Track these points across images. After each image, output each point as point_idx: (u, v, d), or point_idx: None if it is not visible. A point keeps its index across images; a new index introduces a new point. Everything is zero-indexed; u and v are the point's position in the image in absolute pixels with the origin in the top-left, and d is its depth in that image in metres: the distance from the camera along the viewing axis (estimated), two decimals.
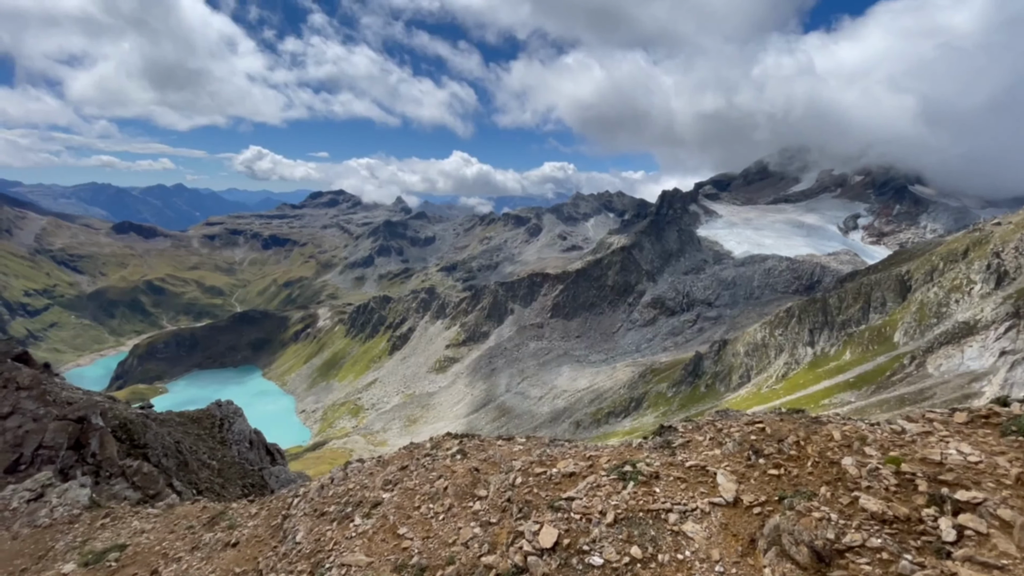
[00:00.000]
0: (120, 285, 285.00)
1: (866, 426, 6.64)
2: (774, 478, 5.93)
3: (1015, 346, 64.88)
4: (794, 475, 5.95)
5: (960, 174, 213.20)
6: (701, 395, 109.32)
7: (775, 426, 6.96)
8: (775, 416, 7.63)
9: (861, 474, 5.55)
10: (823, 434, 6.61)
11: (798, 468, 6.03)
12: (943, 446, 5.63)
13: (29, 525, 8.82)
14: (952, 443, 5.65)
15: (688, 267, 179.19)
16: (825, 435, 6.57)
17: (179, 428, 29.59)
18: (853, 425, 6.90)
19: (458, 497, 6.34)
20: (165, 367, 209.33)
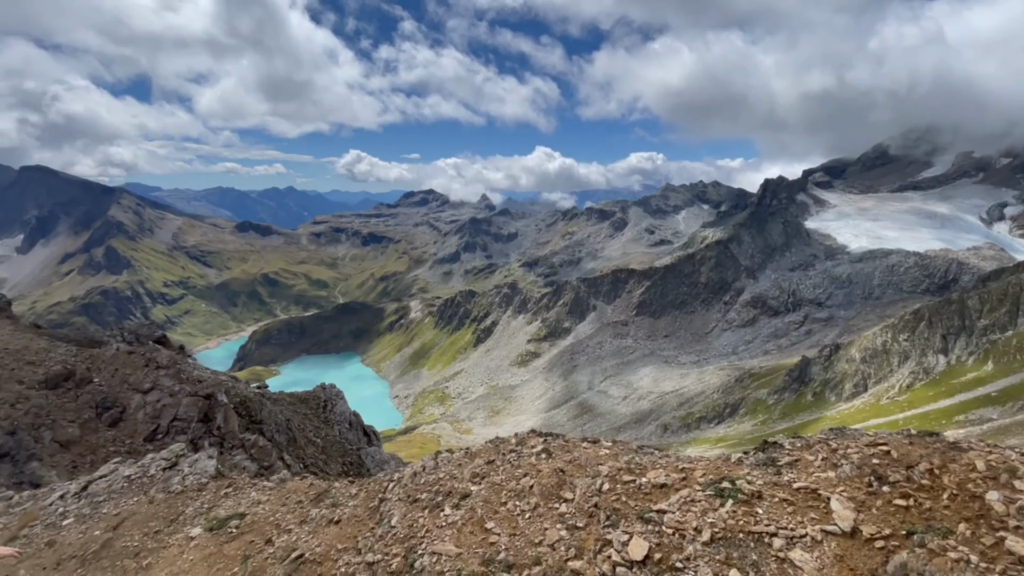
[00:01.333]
0: (241, 278, 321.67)
1: (1017, 456, 5.62)
2: (901, 509, 5.21)
3: None
4: (926, 508, 5.19)
5: None
6: (807, 404, 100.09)
7: (903, 450, 6.11)
8: (903, 438, 6.71)
9: (1009, 512, 4.71)
10: (963, 463, 5.70)
11: (931, 500, 5.25)
12: None
13: (164, 491, 9.99)
14: None
15: (795, 263, 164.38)
16: (966, 464, 5.66)
17: (289, 407, 32.68)
18: (1001, 454, 5.88)
19: (544, 497, 6.31)
20: (278, 351, 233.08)
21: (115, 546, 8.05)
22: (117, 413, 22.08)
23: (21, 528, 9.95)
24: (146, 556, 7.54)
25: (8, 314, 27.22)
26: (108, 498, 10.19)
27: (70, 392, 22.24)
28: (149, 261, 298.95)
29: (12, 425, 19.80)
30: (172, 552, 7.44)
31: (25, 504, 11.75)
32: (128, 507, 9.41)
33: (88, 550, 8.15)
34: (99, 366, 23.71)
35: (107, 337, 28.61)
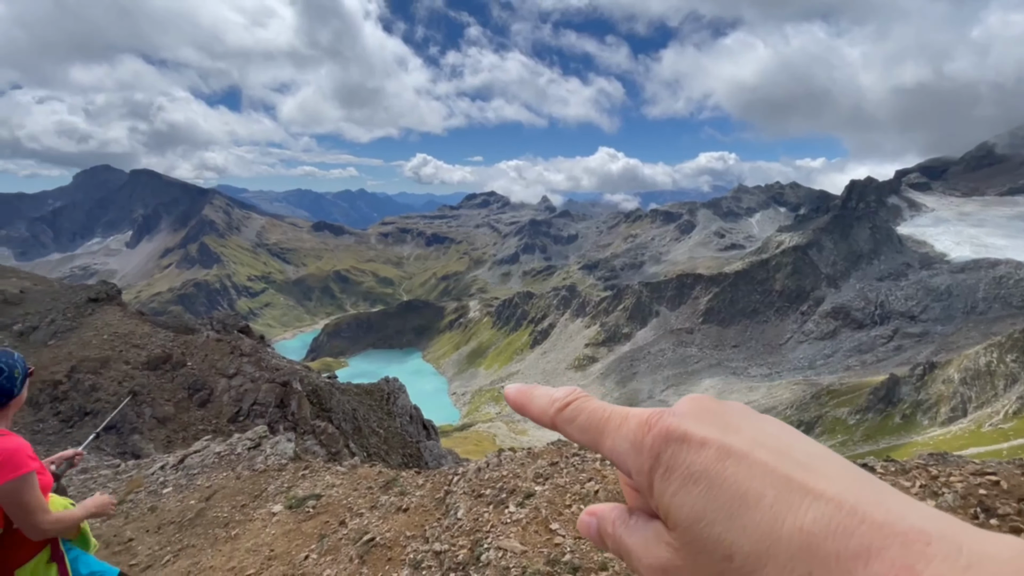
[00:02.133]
0: (316, 274, 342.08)
1: None
2: None
3: None
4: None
5: None
6: (895, 427, 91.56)
7: (1015, 481, 5.41)
8: (1015, 468, 5.94)
9: None
10: None
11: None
12: None
13: (249, 468, 10.71)
14: None
15: (884, 272, 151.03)
16: None
17: (355, 398, 34.24)
18: None
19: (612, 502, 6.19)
20: (346, 344, 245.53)
21: (207, 515, 8.80)
22: (206, 395, 24.19)
23: (128, 493, 11.10)
24: (234, 527, 8.18)
25: (119, 302, 30.57)
26: (201, 471, 11.15)
27: (167, 374, 24.60)
28: (236, 257, 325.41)
29: (119, 401, 22.21)
30: (256, 525, 8.02)
31: (131, 472, 13.11)
32: (218, 481, 10.25)
33: (185, 517, 8.96)
34: (192, 351, 26.03)
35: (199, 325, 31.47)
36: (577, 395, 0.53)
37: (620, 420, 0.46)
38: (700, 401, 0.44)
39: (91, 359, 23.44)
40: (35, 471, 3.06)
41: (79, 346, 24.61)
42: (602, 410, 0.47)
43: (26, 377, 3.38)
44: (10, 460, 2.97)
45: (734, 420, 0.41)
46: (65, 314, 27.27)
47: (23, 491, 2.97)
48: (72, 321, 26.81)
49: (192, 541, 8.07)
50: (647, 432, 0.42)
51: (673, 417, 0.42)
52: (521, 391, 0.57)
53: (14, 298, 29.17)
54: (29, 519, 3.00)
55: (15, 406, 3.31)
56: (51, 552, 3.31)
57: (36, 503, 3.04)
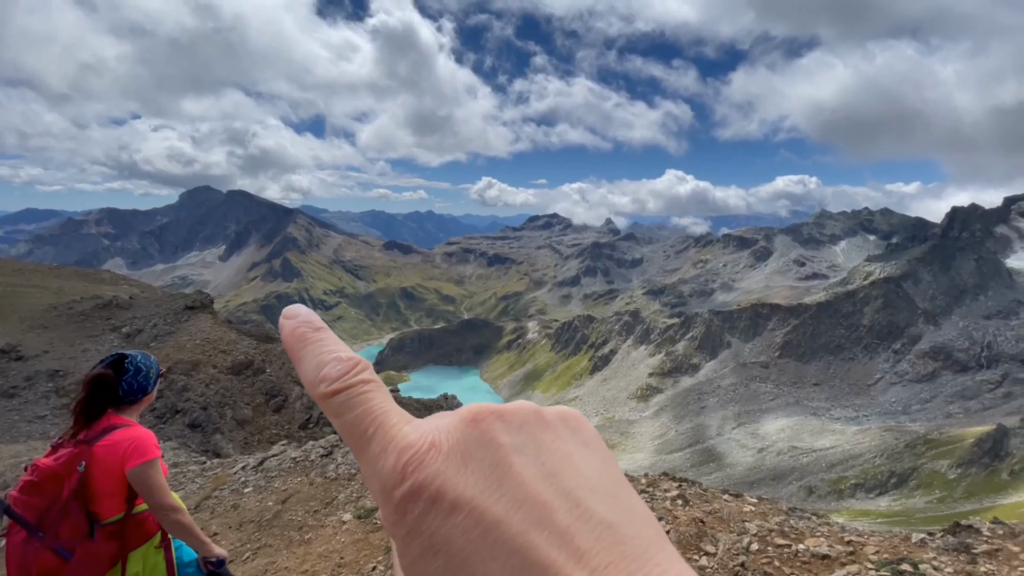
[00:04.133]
0: (384, 290, 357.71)
1: None
2: None
3: None
4: None
5: None
6: (1001, 484, 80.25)
7: None
8: None
9: None
10: None
11: None
12: None
13: (321, 475, 11.22)
14: None
15: (992, 309, 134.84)
16: None
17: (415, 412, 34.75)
18: None
19: (681, 545, 5.90)
20: (409, 359, 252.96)
21: (283, 517, 9.32)
22: (280, 401, 25.84)
23: (213, 490, 12.00)
24: (307, 531, 8.61)
25: (210, 310, 33.62)
26: (279, 474, 11.86)
27: (248, 379, 26.57)
28: (314, 272, 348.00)
29: (205, 402, 24.21)
30: (328, 532, 8.39)
31: (215, 470, 14.18)
32: (294, 485, 10.85)
33: (263, 517, 9.54)
34: (271, 359, 27.96)
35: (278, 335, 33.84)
36: (354, 380, 0.39)
37: (380, 449, 0.36)
38: (488, 425, 0.35)
39: (184, 361, 25.83)
40: (158, 457, 3.49)
41: (175, 349, 27.22)
42: (372, 420, 0.36)
43: (159, 377, 3.86)
44: (140, 446, 3.42)
45: (517, 461, 0.34)
46: (165, 319, 30.35)
47: (151, 475, 3.42)
48: (171, 326, 29.77)
49: (269, 541, 8.58)
50: (398, 483, 0.35)
51: (434, 465, 0.35)
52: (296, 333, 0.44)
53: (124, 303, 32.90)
54: (157, 499, 3.42)
55: (147, 402, 3.81)
56: (160, 539, 3.75)
57: (163, 486, 3.52)
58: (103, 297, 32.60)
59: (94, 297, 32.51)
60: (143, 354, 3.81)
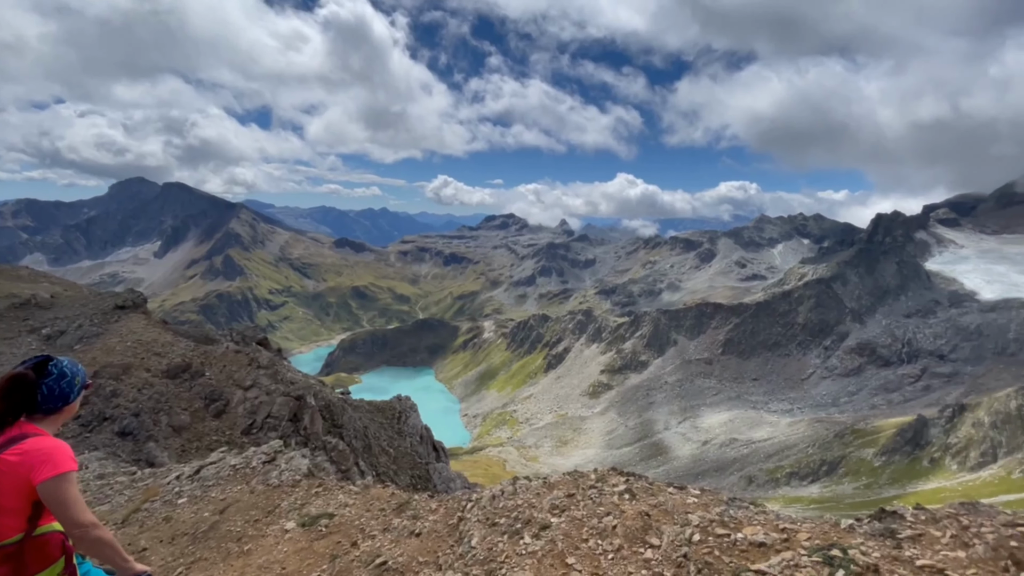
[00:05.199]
0: (335, 289, 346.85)
1: None
2: None
3: None
4: None
5: None
6: (922, 471, 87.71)
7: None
8: None
9: None
10: None
11: None
12: None
13: (263, 483, 10.74)
14: None
15: (911, 308, 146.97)
16: None
17: (367, 415, 34.16)
18: None
19: (627, 539, 6.03)
20: (361, 360, 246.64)
21: (221, 529, 8.81)
22: (221, 405, 24.45)
23: (143, 502, 11.20)
24: (247, 542, 8.17)
25: (143, 310, 31.42)
26: (216, 483, 11.22)
27: (185, 383, 24.99)
28: (259, 270, 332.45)
29: (137, 408, 22.58)
30: (269, 541, 8.00)
31: (147, 480, 13.24)
32: (233, 494, 10.29)
33: (198, 529, 8.99)
34: (211, 361, 26.43)
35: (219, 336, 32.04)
36: None
37: None
38: None
39: (114, 365, 23.96)
40: (75, 471, 3.14)
41: (103, 352, 25.21)
42: None
43: (83, 389, 3.50)
44: (53, 458, 3.06)
45: None
46: (92, 320, 28.06)
47: (65, 488, 3.03)
48: (98, 327, 27.55)
49: (205, 554, 8.08)
50: None
51: None
52: None
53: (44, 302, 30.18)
54: (72, 515, 3.04)
55: (67, 414, 3.42)
56: (65, 564, 3.33)
57: (78, 500, 3.09)
58: (19, 296, 29.82)
59: (9, 296, 29.67)
60: (71, 360, 3.44)
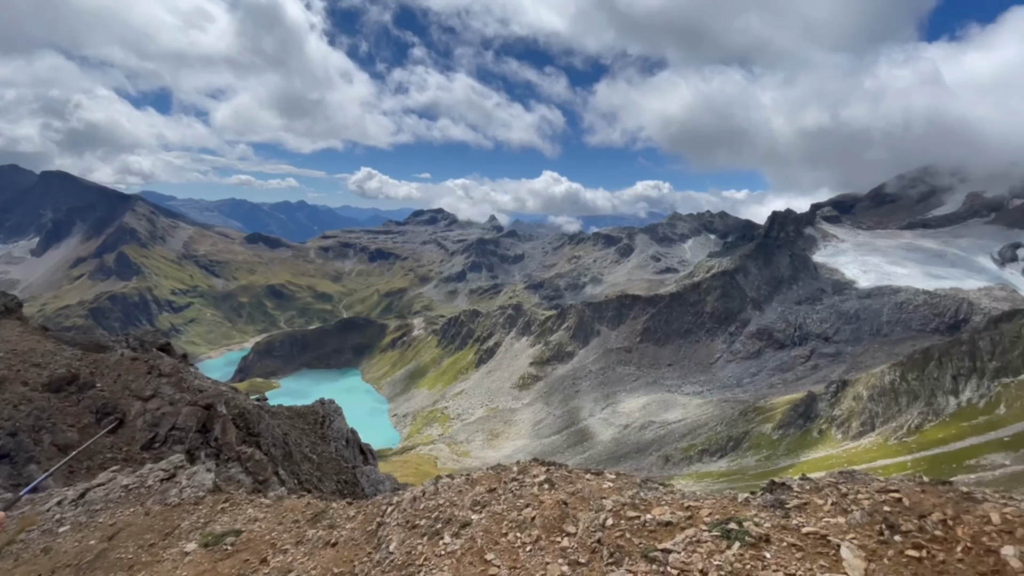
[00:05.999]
0: (248, 288, 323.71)
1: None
2: (913, 560, 5.07)
3: None
4: (939, 560, 5.05)
5: None
6: (813, 441, 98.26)
7: (915, 498, 5.99)
8: (915, 485, 6.57)
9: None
10: (977, 515, 5.56)
11: (944, 552, 5.11)
12: None
13: (160, 503, 9.87)
14: None
15: (802, 296, 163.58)
16: (980, 516, 5.52)
17: (287, 421, 32.42)
18: (1017, 507, 5.74)
19: (545, 530, 6.20)
20: (279, 364, 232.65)
21: (109, 557, 7.95)
22: (117, 419, 22.01)
23: (19, 532, 9.86)
24: (140, 569, 7.43)
25: (18, 315, 27.51)
26: (105, 507, 10.10)
27: (72, 396, 22.24)
28: (159, 268, 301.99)
29: (14, 426, 19.79)
30: (166, 567, 7.33)
31: (23, 508, 11.65)
32: (124, 517, 9.32)
33: (83, 559, 8.05)
34: (103, 371, 23.76)
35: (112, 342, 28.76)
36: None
37: None
38: None
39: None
40: None
41: None
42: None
43: None
44: None
45: None
46: None
47: None
48: None
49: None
50: None
51: None
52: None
53: None
54: None
55: None
56: None
57: None
58: None
59: None
60: None
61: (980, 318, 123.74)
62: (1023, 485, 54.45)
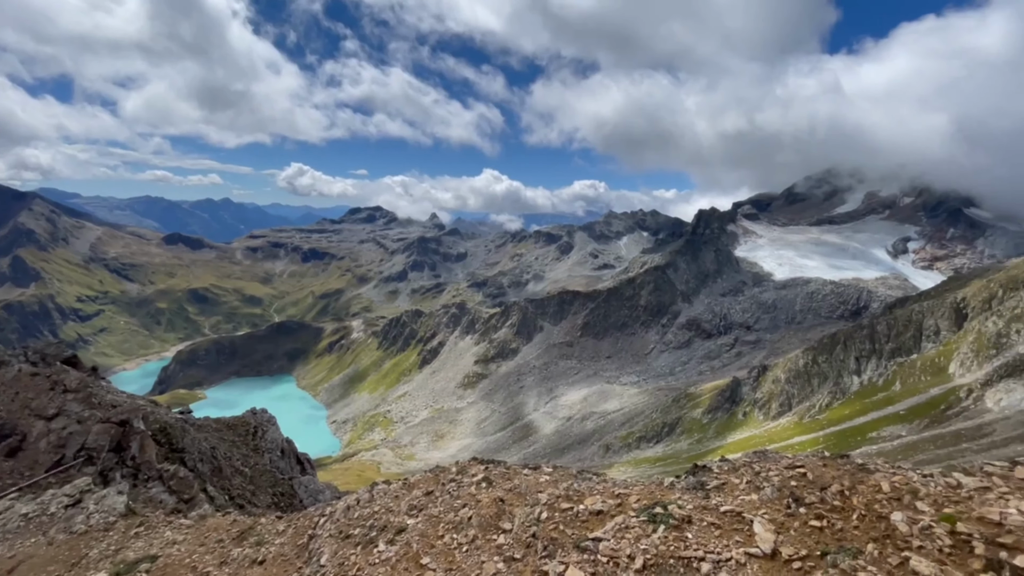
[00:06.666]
0: (167, 293, 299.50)
1: (918, 477, 6.19)
2: (816, 530, 5.58)
3: None
4: (838, 528, 5.58)
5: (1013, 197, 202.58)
6: (739, 423, 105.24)
7: (817, 472, 6.58)
8: (818, 460, 7.22)
9: (912, 532, 5.15)
10: (870, 484, 6.20)
11: (842, 521, 5.66)
12: (1002, 504, 5.18)
13: (65, 531, 9.09)
14: (1012, 501, 5.19)
15: (726, 288, 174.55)
16: (873, 485, 6.16)
17: (215, 434, 30.43)
18: (904, 475, 6.45)
19: (482, 529, 6.23)
20: (205, 374, 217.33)
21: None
22: (16, 442, 19.71)
23: None
24: None
25: None
26: (2, 539, 9.07)
27: None
28: (62, 273, 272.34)
29: None
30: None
31: None
32: (24, 549, 8.39)
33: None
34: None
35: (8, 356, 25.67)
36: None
37: None
38: None
39: None
40: None
41: None
42: None
43: None
44: None
45: None
46: None
47: None
48: None
49: None
50: None
51: None
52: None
53: None
54: None
55: None
56: None
57: None
58: None
59: None
60: None
61: (877, 305, 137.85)
62: (917, 453, 61.32)
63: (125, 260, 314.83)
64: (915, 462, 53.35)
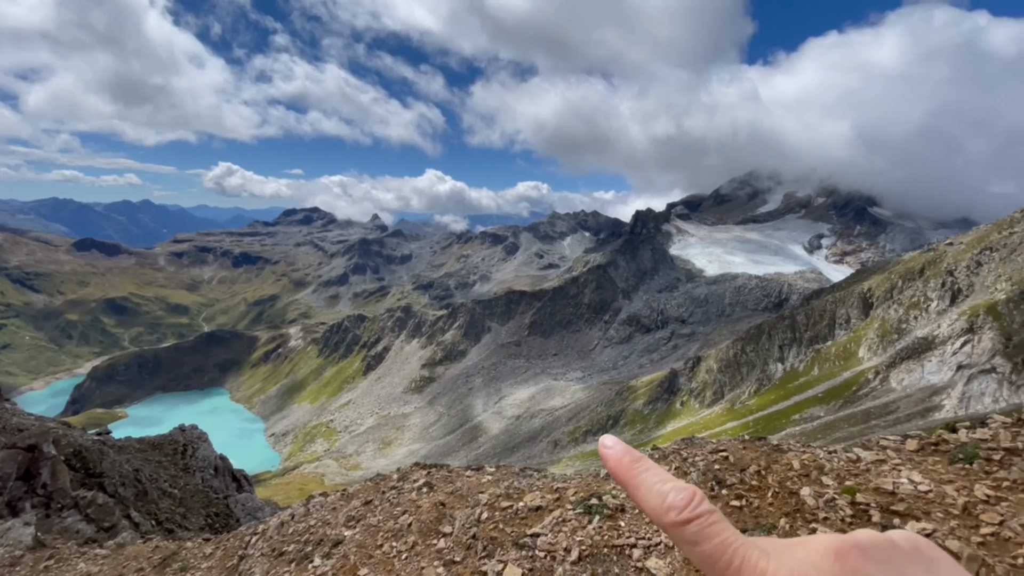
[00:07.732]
0: (79, 304, 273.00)
1: (824, 454, 6.80)
2: (736, 510, 5.99)
3: (970, 360, 67.89)
4: (755, 506, 6.02)
5: (908, 197, 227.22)
6: (677, 412, 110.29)
7: (738, 454, 7.06)
8: (739, 443, 7.74)
9: (818, 505, 5.65)
10: (783, 463, 6.73)
11: (759, 499, 6.11)
12: (895, 475, 5.79)
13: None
14: (904, 472, 5.82)
15: (662, 285, 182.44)
16: (785, 464, 6.69)
17: (139, 455, 28.26)
18: (812, 453, 7.05)
19: (422, 534, 6.19)
20: (125, 390, 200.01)
21: None
22: None
23: None
24: None
25: None
26: None
27: None
28: None
29: None
30: None
31: None
32: None
33: None
34: None
35: None
36: (702, 510, 0.47)
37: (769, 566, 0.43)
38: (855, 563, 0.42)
39: None
40: None
41: None
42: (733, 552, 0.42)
43: None
44: None
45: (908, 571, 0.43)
46: None
47: None
48: None
49: None
50: None
51: None
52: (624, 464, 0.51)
53: None
54: None
55: None
56: None
57: None
58: None
59: None
60: None
61: (796, 297, 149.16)
62: (834, 432, 66.94)
63: (29, 269, 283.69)
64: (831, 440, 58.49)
